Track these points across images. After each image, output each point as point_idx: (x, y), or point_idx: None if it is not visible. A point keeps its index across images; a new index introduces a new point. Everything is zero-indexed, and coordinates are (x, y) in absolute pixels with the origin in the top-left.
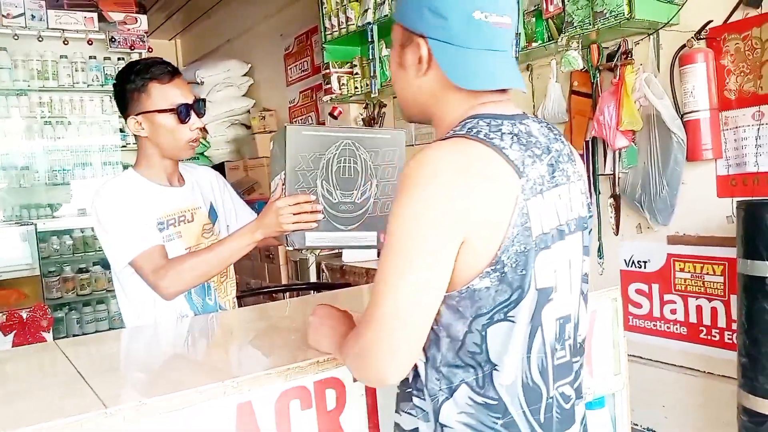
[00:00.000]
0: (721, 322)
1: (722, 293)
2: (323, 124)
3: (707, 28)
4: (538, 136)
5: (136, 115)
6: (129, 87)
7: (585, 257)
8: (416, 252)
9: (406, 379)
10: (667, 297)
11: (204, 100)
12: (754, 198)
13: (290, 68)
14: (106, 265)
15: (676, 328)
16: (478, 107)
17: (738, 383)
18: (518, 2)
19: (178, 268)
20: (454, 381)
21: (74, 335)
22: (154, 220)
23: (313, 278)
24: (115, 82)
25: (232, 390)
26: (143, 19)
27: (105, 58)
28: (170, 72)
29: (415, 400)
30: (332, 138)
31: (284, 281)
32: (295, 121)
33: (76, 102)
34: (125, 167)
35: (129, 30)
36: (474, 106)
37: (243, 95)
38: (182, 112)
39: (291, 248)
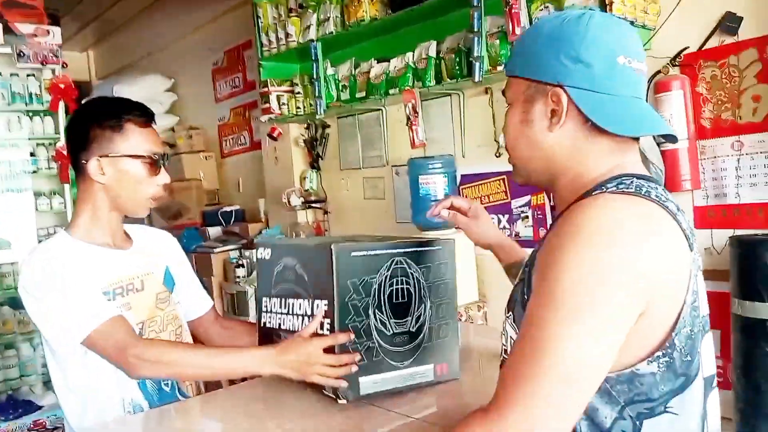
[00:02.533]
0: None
1: None
2: (258, 143)
3: (682, 54)
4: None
5: (101, 156)
6: (99, 124)
7: None
8: (591, 310)
9: None
10: None
11: (167, 154)
12: (749, 233)
13: (219, 84)
14: (15, 305)
15: None
16: (626, 166)
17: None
18: (479, 27)
19: (157, 354)
20: None
21: None
22: (97, 290)
23: (252, 313)
24: (73, 116)
25: None
26: (56, 31)
27: (12, 74)
28: (149, 115)
29: None
30: (384, 256)
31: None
32: (227, 141)
33: None
34: (36, 194)
35: (40, 43)
36: (620, 165)
37: (166, 112)
38: (158, 162)
39: (344, 401)
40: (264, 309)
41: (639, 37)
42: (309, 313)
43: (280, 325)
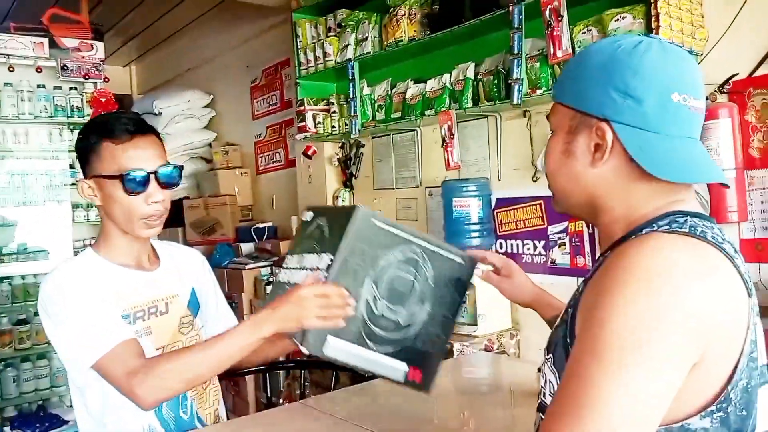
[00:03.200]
0: None
1: None
2: (293, 161)
3: (731, 81)
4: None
5: (88, 178)
6: (84, 144)
7: None
8: (642, 353)
9: None
10: None
11: (177, 167)
12: None
13: (257, 101)
14: None
15: None
16: (678, 203)
17: None
18: (520, 49)
19: (161, 370)
20: None
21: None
22: (117, 312)
23: None
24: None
25: None
26: (99, 46)
27: (55, 87)
28: (131, 130)
29: None
30: (403, 239)
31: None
32: (262, 158)
33: (21, 135)
34: (74, 206)
35: (83, 57)
36: (671, 203)
37: (204, 127)
38: (130, 181)
39: (306, 351)
40: (284, 265)
41: (699, 71)
42: (315, 266)
43: (289, 280)
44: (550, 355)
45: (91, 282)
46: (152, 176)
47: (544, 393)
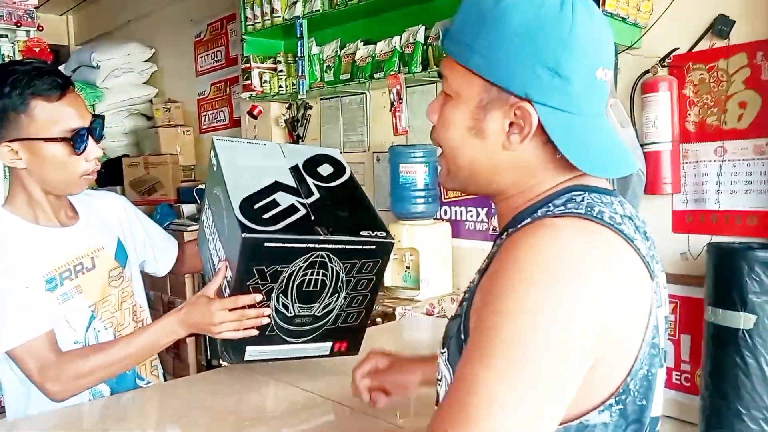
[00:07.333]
0: (670, 362)
1: (673, 332)
2: (238, 120)
3: (671, 55)
4: (636, 218)
5: (11, 141)
6: (3, 103)
7: None
8: (539, 365)
9: None
10: None
11: (103, 117)
12: (727, 241)
13: (201, 57)
14: None
15: None
16: (578, 178)
17: None
18: None
19: (74, 370)
20: None
21: None
22: (40, 278)
23: None
24: None
25: None
26: None
27: None
28: (60, 85)
29: None
30: (304, 249)
31: (189, 295)
32: (206, 116)
33: None
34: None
35: (15, 3)
36: (574, 177)
37: (144, 83)
38: (78, 141)
39: (225, 364)
40: (204, 212)
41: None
42: (221, 267)
43: (211, 251)
44: (445, 349)
45: (11, 246)
46: (90, 132)
47: (440, 388)
